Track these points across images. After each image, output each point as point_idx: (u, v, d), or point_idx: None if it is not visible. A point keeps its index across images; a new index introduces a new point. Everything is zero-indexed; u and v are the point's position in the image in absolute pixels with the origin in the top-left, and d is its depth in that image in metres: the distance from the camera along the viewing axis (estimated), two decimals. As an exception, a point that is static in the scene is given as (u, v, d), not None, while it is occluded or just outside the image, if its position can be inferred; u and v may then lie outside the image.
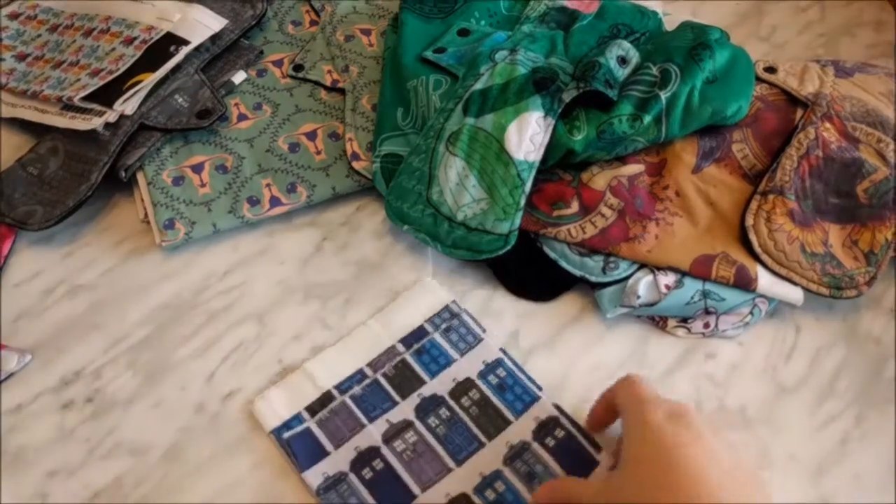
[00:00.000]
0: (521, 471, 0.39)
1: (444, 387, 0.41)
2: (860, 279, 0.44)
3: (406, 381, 0.42)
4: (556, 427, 0.40)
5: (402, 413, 0.41)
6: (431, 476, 0.39)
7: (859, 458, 0.41)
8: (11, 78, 0.55)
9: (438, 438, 0.40)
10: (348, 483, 0.39)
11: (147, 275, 0.48)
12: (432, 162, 0.47)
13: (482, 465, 0.39)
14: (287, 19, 0.61)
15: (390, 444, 0.40)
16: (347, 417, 0.40)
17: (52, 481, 0.40)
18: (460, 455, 0.39)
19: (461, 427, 0.40)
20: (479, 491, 0.38)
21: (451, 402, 0.41)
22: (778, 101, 0.51)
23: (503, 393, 0.41)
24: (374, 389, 0.41)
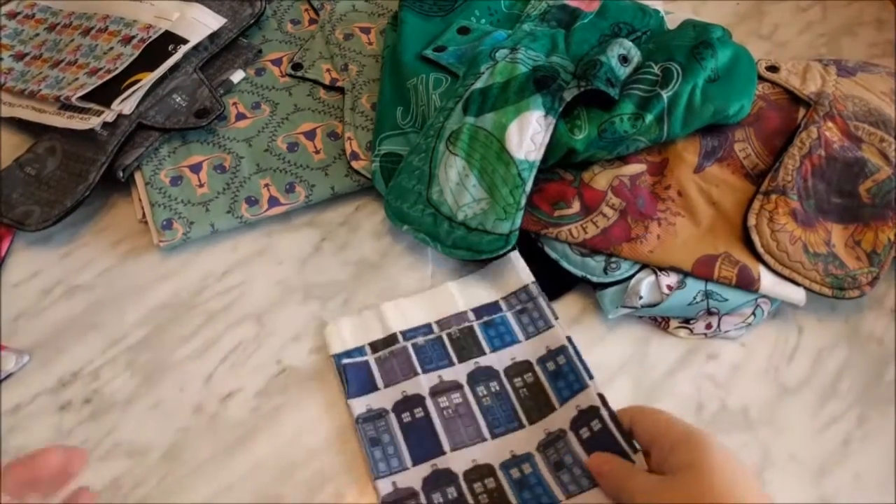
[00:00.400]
0: (551, 459, 0.38)
1: (502, 363, 0.42)
2: (863, 279, 0.44)
3: (467, 347, 0.42)
4: (594, 418, 0.38)
5: (455, 374, 0.41)
6: (465, 439, 0.39)
7: (861, 458, 0.41)
8: (9, 77, 0.54)
9: (482, 408, 0.40)
10: (387, 421, 0.40)
11: (145, 275, 0.48)
12: (432, 161, 0.47)
13: (515, 445, 0.39)
14: (286, 18, 0.60)
15: (436, 398, 0.40)
16: (404, 362, 0.42)
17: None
18: (498, 429, 0.40)
19: (507, 404, 0.40)
20: (506, 467, 0.38)
21: (504, 379, 0.41)
22: (780, 101, 0.50)
23: (556, 380, 0.41)
24: (436, 345, 0.42)
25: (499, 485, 0.38)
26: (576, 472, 0.37)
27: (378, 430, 0.40)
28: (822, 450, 0.42)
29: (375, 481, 0.38)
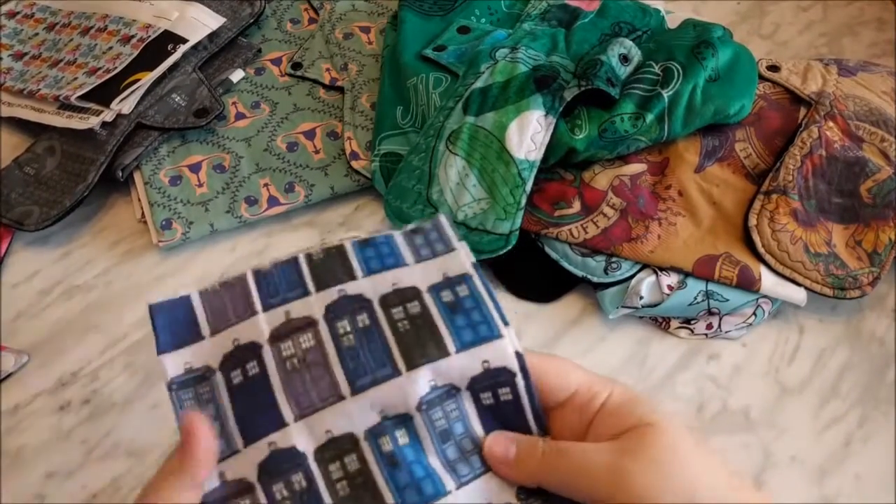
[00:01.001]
0: (437, 423, 0.28)
1: (378, 289, 0.29)
2: (864, 279, 0.44)
3: (331, 270, 0.30)
4: (506, 384, 0.28)
5: (308, 308, 0.29)
6: (314, 401, 0.27)
7: (862, 459, 0.41)
8: (8, 77, 0.54)
9: (340, 350, 0.28)
10: (212, 384, 0.28)
11: (144, 275, 0.48)
12: (432, 161, 0.47)
13: (386, 402, 0.27)
14: (286, 17, 0.60)
15: (276, 343, 0.28)
16: (240, 297, 0.29)
17: (50, 483, 0.40)
18: (361, 380, 0.27)
19: (377, 342, 0.28)
20: (374, 435, 0.27)
21: (378, 310, 0.29)
22: (781, 100, 0.50)
23: (453, 314, 0.29)
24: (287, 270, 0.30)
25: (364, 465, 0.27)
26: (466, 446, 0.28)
27: (200, 398, 0.28)
28: (823, 450, 0.41)
29: None
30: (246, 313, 0.29)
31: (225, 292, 0.29)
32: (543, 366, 0.28)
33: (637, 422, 0.26)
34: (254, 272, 0.30)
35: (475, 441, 0.28)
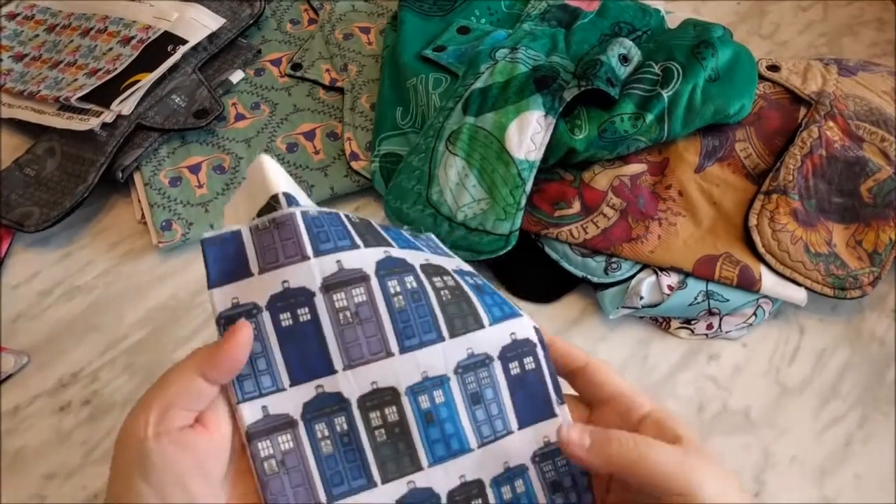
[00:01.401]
0: (469, 387, 0.30)
1: (415, 259, 0.31)
2: (864, 279, 0.44)
3: (371, 233, 0.31)
4: (529, 354, 0.31)
5: (361, 260, 0.30)
6: (364, 354, 0.29)
7: (862, 459, 0.41)
8: (9, 78, 0.54)
9: (392, 310, 0.30)
10: (259, 322, 0.29)
11: (144, 276, 0.48)
12: (432, 161, 0.47)
13: (428, 364, 0.30)
14: (285, 18, 0.60)
15: (330, 293, 0.29)
16: (290, 237, 0.29)
17: (50, 483, 0.40)
18: (410, 341, 0.30)
19: (425, 307, 0.30)
20: (413, 393, 0.30)
21: (422, 275, 0.31)
22: (781, 100, 0.50)
23: (481, 294, 0.32)
24: (334, 220, 0.30)
25: (402, 417, 0.29)
26: (493, 410, 0.30)
27: None
28: (823, 451, 0.41)
29: (238, 405, 0.28)
30: (296, 256, 0.29)
31: (275, 230, 0.29)
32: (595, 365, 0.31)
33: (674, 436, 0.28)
34: (301, 213, 0.29)
35: (500, 406, 0.31)
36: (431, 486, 0.30)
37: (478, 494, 0.30)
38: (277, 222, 0.29)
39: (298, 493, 0.28)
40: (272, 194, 0.29)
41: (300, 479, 0.28)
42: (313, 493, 0.28)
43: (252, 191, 0.30)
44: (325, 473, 0.29)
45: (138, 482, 0.26)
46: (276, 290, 0.29)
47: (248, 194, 0.31)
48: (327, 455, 0.29)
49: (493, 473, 0.30)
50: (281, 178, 0.30)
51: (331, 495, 0.29)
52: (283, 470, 0.28)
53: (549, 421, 0.31)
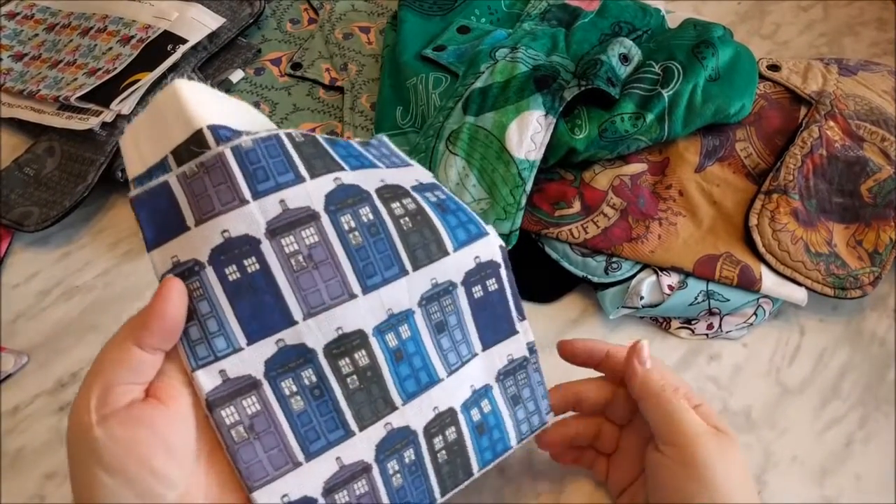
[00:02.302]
0: (433, 317, 0.29)
1: (370, 183, 0.28)
2: (865, 279, 0.44)
3: (318, 156, 0.27)
4: (492, 276, 0.30)
5: (307, 196, 0.27)
6: (325, 300, 0.27)
7: (863, 459, 0.41)
8: (8, 78, 0.54)
9: (348, 249, 0.27)
10: (202, 279, 0.26)
11: (144, 276, 0.48)
12: (432, 161, 0.47)
13: (393, 300, 0.28)
14: (285, 17, 0.60)
15: (278, 238, 0.26)
16: (222, 181, 0.26)
17: (50, 483, 0.40)
18: (372, 279, 0.28)
19: (384, 241, 0.28)
20: (381, 332, 0.28)
21: (379, 204, 0.28)
22: (781, 100, 0.50)
23: (444, 214, 0.30)
24: (273, 148, 0.26)
25: (372, 359, 0.28)
26: (457, 336, 0.29)
27: (192, 295, 0.26)
28: (823, 451, 0.41)
29: (194, 373, 0.26)
30: (234, 201, 0.26)
31: (205, 174, 0.26)
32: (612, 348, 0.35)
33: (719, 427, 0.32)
34: (232, 150, 0.25)
35: (464, 331, 0.30)
36: (408, 424, 0.29)
37: (451, 422, 0.30)
38: (206, 166, 0.25)
39: (273, 456, 0.26)
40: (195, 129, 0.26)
41: (273, 442, 0.27)
42: (289, 453, 0.27)
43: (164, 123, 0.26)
44: (298, 431, 0.27)
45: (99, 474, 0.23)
46: (217, 242, 0.26)
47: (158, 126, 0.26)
48: (299, 412, 0.27)
49: (463, 398, 0.30)
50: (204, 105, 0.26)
51: (308, 453, 0.27)
52: (253, 435, 0.26)
53: (511, 338, 0.32)
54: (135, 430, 0.24)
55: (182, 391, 0.26)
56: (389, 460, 0.28)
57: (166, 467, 0.24)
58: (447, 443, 0.30)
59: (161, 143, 0.26)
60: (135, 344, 0.25)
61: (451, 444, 0.30)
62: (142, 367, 0.25)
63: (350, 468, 0.28)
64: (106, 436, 0.23)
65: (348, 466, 0.28)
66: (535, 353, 0.33)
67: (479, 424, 0.31)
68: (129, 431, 0.24)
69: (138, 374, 0.25)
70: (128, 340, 0.25)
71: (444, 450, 0.30)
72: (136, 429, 0.24)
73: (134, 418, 0.24)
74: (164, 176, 0.26)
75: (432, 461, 0.29)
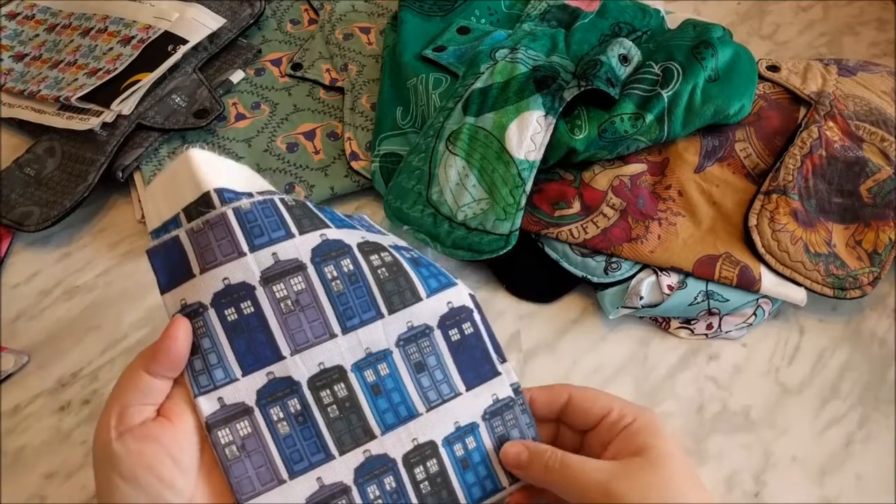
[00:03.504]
0: (411, 357, 0.33)
1: (352, 238, 0.33)
2: (864, 279, 0.44)
3: (307, 215, 0.32)
4: (466, 320, 0.34)
5: (296, 250, 0.31)
6: (309, 338, 0.31)
7: (862, 459, 0.41)
8: (9, 78, 0.54)
9: (331, 295, 0.32)
10: (206, 319, 0.31)
11: (144, 276, 0.48)
12: (432, 161, 0.47)
13: (371, 340, 0.32)
14: (286, 18, 0.60)
15: (270, 285, 0.31)
16: (224, 237, 0.31)
17: (50, 483, 0.40)
18: (350, 321, 0.32)
19: (363, 288, 0.32)
20: (359, 368, 0.32)
21: (359, 256, 0.32)
22: (781, 100, 0.50)
23: (417, 267, 0.34)
24: (268, 210, 0.31)
25: (351, 392, 0.32)
26: (437, 376, 0.32)
27: (196, 332, 0.31)
28: (823, 451, 0.41)
29: (196, 399, 0.30)
30: (233, 253, 0.31)
31: (209, 230, 0.31)
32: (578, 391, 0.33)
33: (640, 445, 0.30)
34: (233, 210, 0.31)
35: (445, 371, 0.33)
36: (386, 452, 0.32)
37: (431, 454, 0.32)
38: (211, 223, 0.31)
39: (261, 473, 0.30)
40: (203, 192, 0.31)
41: (261, 461, 0.30)
42: (275, 471, 0.30)
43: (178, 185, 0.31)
44: (284, 452, 0.31)
45: (116, 481, 0.28)
46: (219, 288, 0.31)
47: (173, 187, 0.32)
48: (285, 435, 0.31)
49: (445, 433, 0.33)
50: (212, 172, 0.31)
51: (292, 472, 0.31)
52: (244, 454, 0.30)
53: (495, 379, 0.34)
54: (145, 444, 0.28)
55: (187, 411, 0.30)
56: (369, 484, 0.31)
57: (172, 476, 0.28)
58: (429, 474, 0.32)
59: (175, 201, 0.31)
60: (145, 371, 0.29)
61: (434, 475, 0.32)
62: (152, 391, 0.30)
63: (329, 488, 0.31)
64: (122, 449, 0.28)
65: (328, 486, 0.31)
66: (520, 395, 0.34)
67: (463, 459, 0.33)
68: (141, 445, 0.28)
69: (149, 396, 0.29)
70: (140, 369, 0.29)
71: (426, 481, 0.32)
72: (146, 443, 0.28)
73: (145, 434, 0.28)
74: (176, 231, 0.31)
75: (415, 491, 0.32)
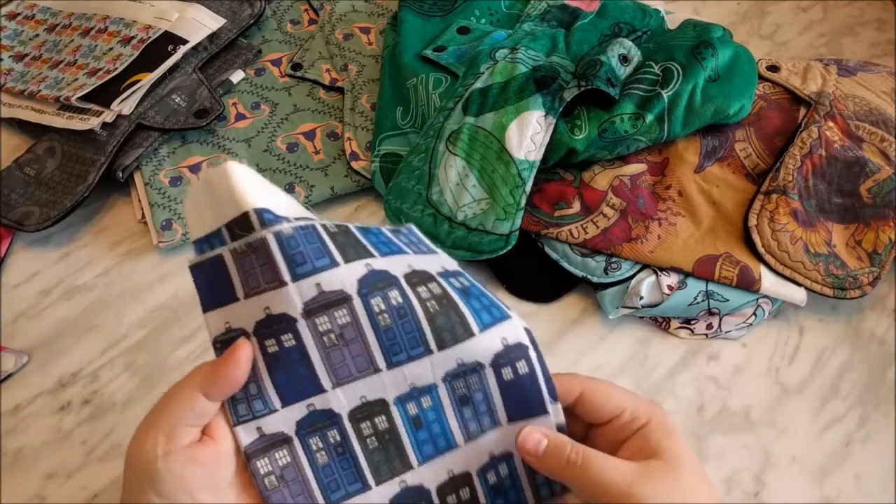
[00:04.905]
0: (457, 390, 0.31)
1: (397, 268, 0.30)
2: (864, 279, 0.44)
3: (351, 244, 0.30)
4: (521, 358, 0.31)
5: (341, 281, 0.29)
6: (352, 372, 0.30)
7: (862, 459, 0.41)
8: (9, 78, 0.54)
9: (377, 329, 0.29)
10: None
11: (144, 276, 0.48)
12: (432, 161, 0.47)
13: (416, 375, 0.30)
14: (286, 18, 0.60)
15: (311, 318, 0.29)
16: (265, 262, 0.28)
17: (51, 483, 0.40)
18: (397, 357, 0.30)
19: (411, 322, 0.30)
20: (402, 401, 0.30)
21: (407, 288, 0.30)
22: (781, 100, 0.50)
23: (468, 298, 0.31)
24: (310, 235, 0.29)
25: (391, 424, 0.30)
26: (481, 408, 0.31)
27: None
28: (823, 450, 0.41)
29: (235, 428, 0.30)
30: (274, 281, 0.29)
31: (252, 253, 0.29)
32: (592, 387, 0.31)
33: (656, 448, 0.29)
34: (275, 235, 0.28)
35: (490, 405, 0.31)
36: (422, 483, 0.31)
37: (465, 484, 0.32)
38: (253, 246, 0.28)
39: (299, 501, 0.30)
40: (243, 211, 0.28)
41: (300, 489, 0.30)
42: (313, 500, 0.30)
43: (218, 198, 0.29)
44: (322, 481, 0.31)
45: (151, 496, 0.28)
46: (260, 317, 0.29)
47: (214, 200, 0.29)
48: (323, 465, 0.31)
49: (479, 464, 0.32)
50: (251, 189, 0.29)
51: (329, 501, 0.31)
52: (283, 483, 0.30)
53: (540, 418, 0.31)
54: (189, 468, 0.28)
55: (227, 431, 0.30)
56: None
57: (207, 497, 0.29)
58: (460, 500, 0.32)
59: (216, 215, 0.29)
60: (202, 393, 0.29)
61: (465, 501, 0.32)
62: (204, 413, 0.29)
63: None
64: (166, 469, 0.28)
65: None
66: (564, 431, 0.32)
67: (496, 486, 0.32)
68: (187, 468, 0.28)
69: (200, 419, 0.29)
70: (196, 389, 0.29)
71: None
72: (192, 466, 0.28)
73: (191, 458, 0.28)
74: (220, 249, 0.29)
75: None
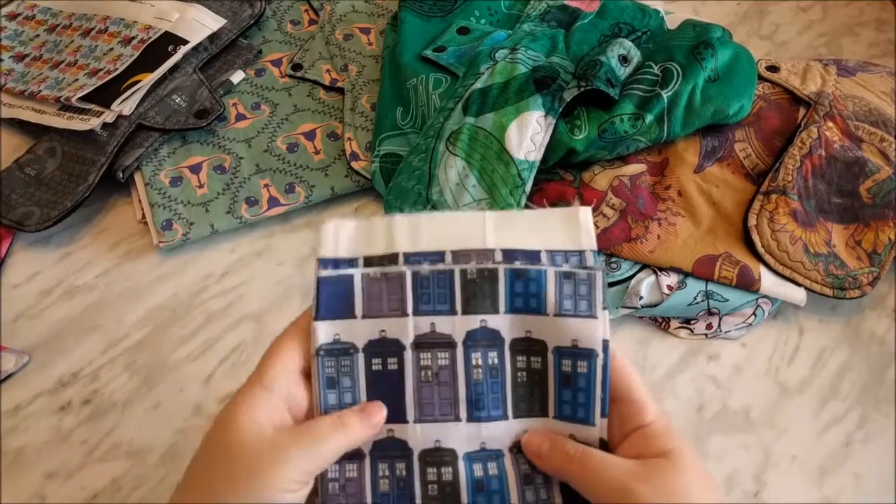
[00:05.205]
0: (520, 468, 0.32)
1: (513, 331, 0.32)
2: (863, 279, 0.44)
3: (480, 296, 0.32)
4: None
5: (452, 328, 0.32)
6: (435, 413, 0.32)
7: (862, 459, 0.41)
8: (10, 78, 0.54)
9: (469, 380, 0.32)
10: (353, 361, 0.32)
11: (144, 276, 0.48)
12: (432, 161, 0.47)
13: (490, 436, 0.32)
14: (286, 18, 0.60)
15: (419, 351, 0.32)
16: (395, 293, 0.32)
17: (51, 483, 0.40)
18: (479, 412, 0.32)
19: (499, 384, 0.32)
20: (470, 458, 0.32)
21: (507, 353, 0.32)
22: (780, 100, 0.50)
23: (564, 387, 0.32)
24: (442, 281, 0.32)
25: (455, 478, 0.31)
26: (542, 495, 0.32)
27: (340, 369, 0.32)
28: (823, 450, 0.41)
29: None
30: (397, 311, 0.32)
31: (384, 283, 0.32)
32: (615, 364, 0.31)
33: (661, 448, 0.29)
34: (413, 274, 0.32)
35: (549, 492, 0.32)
36: None
37: None
38: (389, 277, 0.32)
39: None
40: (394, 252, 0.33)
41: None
42: None
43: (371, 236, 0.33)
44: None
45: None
46: (375, 337, 0.32)
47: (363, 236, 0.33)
48: (382, 492, 0.31)
49: None
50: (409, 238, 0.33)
51: None
52: (343, 494, 0.31)
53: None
54: None
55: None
56: None
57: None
58: None
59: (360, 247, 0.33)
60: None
61: None
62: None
63: None
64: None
65: None
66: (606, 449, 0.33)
67: None
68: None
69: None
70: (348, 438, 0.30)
71: None
72: None
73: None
74: (352, 270, 0.32)
75: None
